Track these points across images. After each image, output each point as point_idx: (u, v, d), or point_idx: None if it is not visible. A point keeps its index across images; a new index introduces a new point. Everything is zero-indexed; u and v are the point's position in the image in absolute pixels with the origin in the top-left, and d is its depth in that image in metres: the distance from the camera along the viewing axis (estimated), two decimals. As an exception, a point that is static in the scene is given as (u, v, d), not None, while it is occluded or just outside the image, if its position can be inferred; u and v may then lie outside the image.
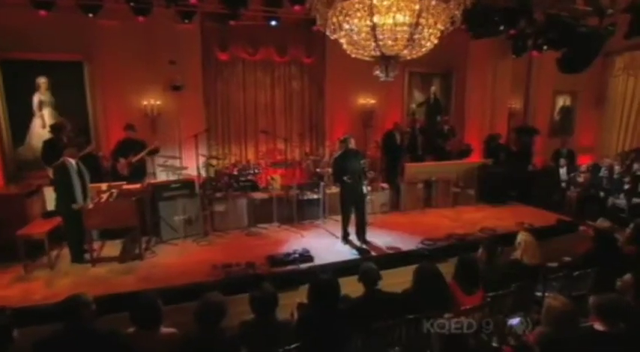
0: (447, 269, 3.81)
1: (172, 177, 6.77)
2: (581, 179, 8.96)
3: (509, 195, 8.33)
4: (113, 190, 5.72)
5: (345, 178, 5.69)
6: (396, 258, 5.34)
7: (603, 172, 8.82)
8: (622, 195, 7.90)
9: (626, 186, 7.95)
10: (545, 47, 8.15)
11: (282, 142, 7.84)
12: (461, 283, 3.40)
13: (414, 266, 3.53)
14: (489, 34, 7.87)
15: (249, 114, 8.57)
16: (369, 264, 3.38)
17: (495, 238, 4.91)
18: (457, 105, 10.16)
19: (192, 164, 7.00)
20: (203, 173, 7.22)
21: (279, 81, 8.71)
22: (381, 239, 6.12)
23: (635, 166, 8.29)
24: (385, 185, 7.87)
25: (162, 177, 7.20)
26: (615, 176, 8.43)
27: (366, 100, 9.16)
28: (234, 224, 6.65)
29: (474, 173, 8.29)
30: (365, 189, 5.91)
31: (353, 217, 5.97)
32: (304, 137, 8.98)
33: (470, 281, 3.39)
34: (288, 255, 5.29)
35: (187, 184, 6.41)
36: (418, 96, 9.88)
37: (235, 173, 7.28)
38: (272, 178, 7.65)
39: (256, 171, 7.55)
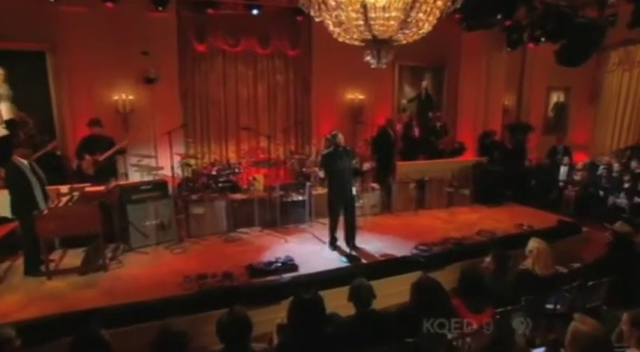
0: (443, 278, 3.42)
1: (147, 178, 6.22)
2: (577, 177, 8.65)
3: (505, 195, 7.93)
4: (75, 193, 5.14)
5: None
6: (388, 266, 4.91)
7: (601, 170, 8.50)
8: (622, 194, 7.57)
9: (626, 185, 7.64)
10: (542, 39, 7.76)
11: (265, 140, 7.31)
12: (466, 300, 2.92)
13: (408, 275, 3.07)
14: (484, 25, 7.45)
15: (229, 110, 8.00)
16: (361, 280, 2.86)
17: (501, 242, 4.45)
18: (449, 100, 9.77)
19: (169, 163, 6.48)
20: (179, 173, 6.70)
21: (262, 74, 8.17)
22: (371, 244, 5.66)
23: (634, 164, 7.97)
24: (376, 185, 7.41)
25: (135, 177, 6.65)
26: (614, 174, 8.11)
27: (354, 95, 8.70)
28: (212, 229, 6.12)
29: (469, 172, 7.89)
30: (355, 190, 5.45)
31: (341, 220, 5.50)
32: (289, 134, 8.47)
33: (477, 298, 2.92)
34: (270, 263, 4.80)
35: (159, 185, 5.86)
36: (409, 91, 9.45)
37: (214, 173, 6.72)
38: (254, 178, 7.14)
39: (237, 170, 7.00)
